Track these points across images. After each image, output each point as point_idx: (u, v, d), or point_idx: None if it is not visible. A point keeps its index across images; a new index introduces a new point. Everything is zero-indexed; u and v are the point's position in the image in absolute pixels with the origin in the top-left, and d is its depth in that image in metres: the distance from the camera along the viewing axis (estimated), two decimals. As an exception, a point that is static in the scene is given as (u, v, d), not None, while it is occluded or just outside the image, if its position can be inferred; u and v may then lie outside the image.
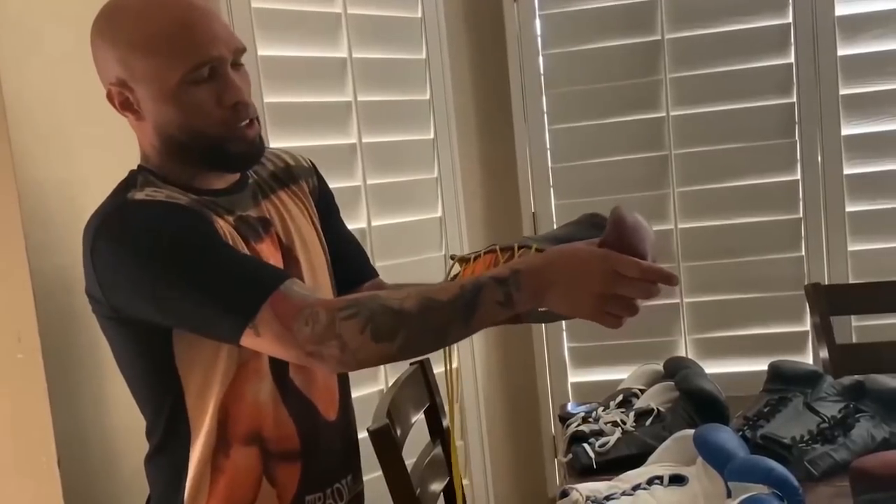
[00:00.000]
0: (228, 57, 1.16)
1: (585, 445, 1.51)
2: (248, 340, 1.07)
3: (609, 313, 1.07)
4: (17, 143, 1.38)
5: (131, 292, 1.11)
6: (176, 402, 1.18)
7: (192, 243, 1.10)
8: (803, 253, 2.31)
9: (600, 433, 1.54)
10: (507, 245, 1.22)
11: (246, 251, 1.17)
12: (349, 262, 1.40)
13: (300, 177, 1.35)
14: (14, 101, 1.36)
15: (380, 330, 1.04)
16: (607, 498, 1.29)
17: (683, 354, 2.34)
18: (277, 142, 1.90)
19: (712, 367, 1.92)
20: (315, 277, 1.28)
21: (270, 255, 1.21)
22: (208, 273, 1.08)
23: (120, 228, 1.11)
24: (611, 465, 1.44)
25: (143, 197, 1.13)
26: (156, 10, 1.14)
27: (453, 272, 1.25)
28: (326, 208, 1.38)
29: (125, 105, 1.17)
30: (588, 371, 2.45)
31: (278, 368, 1.20)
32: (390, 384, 1.68)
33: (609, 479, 1.36)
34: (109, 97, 1.17)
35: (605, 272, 1.05)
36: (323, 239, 1.34)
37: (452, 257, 1.29)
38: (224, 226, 1.16)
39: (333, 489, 1.28)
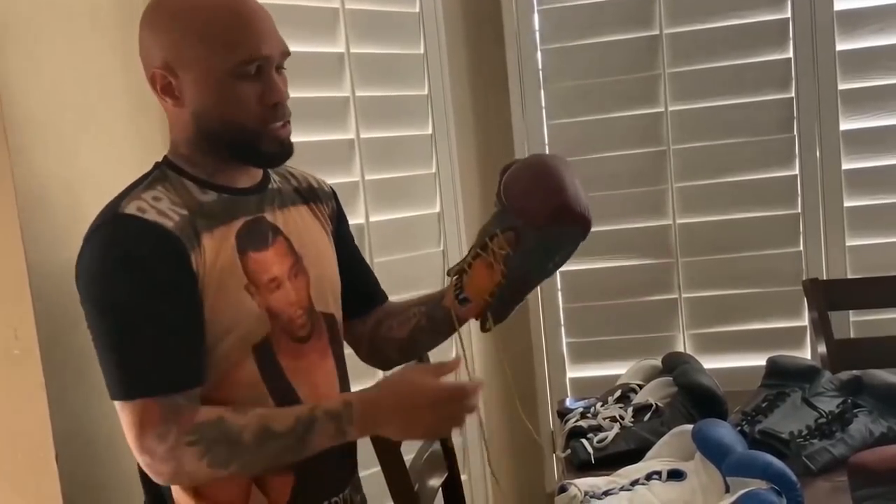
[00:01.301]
0: (276, 59, 1.19)
1: (584, 441, 1.51)
2: (120, 412, 1.12)
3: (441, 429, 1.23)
4: (15, 140, 1.37)
5: (82, 299, 1.15)
6: None
7: (135, 290, 1.11)
8: (801, 248, 2.31)
9: (599, 428, 1.54)
10: (482, 242, 1.26)
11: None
12: (362, 289, 1.42)
13: (322, 199, 1.37)
14: (13, 98, 1.36)
15: (216, 459, 1.09)
16: (605, 493, 1.29)
17: (682, 350, 2.34)
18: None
19: (710, 363, 1.91)
20: (323, 293, 1.29)
21: (275, 262, 1.22)
22: (128, 330, 1.11)
23: (101, 241, 1.14)
24: (609, 461, 1.44)
25: (133, 212, 1.13)
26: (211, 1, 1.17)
27: (454, 288, 1.29)
28: (342, 234, 1.40)
29: (166, 89, 1.18)
30: (586, 366, 2.46)
31: (273, 380, 1.20)
32: (388, 380, 1.68)
33: (607, 475, 1.36)
34: (152, 80, 1.19)
35: (430, 405, 1.13)
36: (336, 259, 1.35)
37: (449, 273, 1.31)
38: (209, 249, 1.15)
39: (331, 502, 1.27)
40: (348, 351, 1.38)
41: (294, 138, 1.90)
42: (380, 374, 2.02)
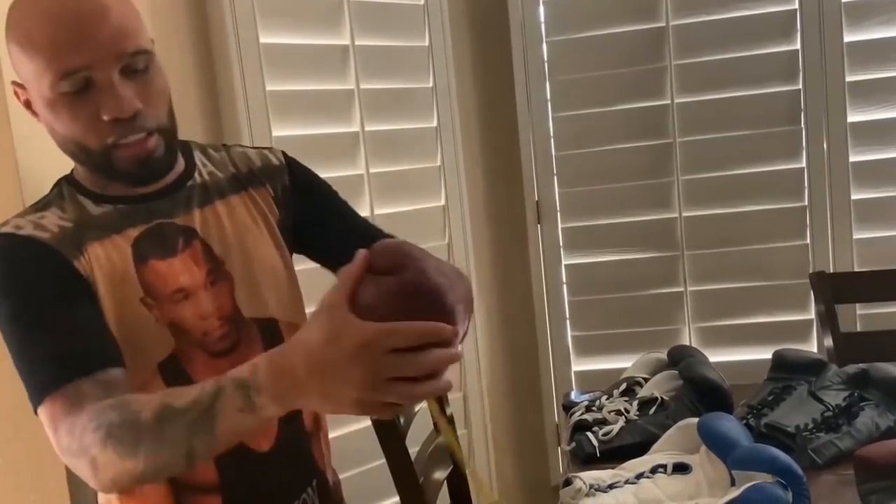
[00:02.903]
0: (112, 63, 1.01)
1: (589, 434, 1.51)
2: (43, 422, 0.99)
3: (386, 403, 0.83)
4: (20, 135, 1.37)
5: None
6: None
7: (21, 302, 1.02)
8: (808, 241, 2.30)
9: (604, 422, 1.54)
10: None
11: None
12: (332, 249, 1.23)
13: (265, 181, 1.22)
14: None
15: (120, 446, 0.90)
16: (611, 486, 1.29)
17: (687, 343, 2.34)
18: (279, 130, 1.89)
19: (716, 356, 1.91)
20: (255, 296, 1.16)
21: (185, 269, 1.11)
22: (25, 338, 1.00)
23: None
24: (614, 454, 1.44)
25: (9, 230, 1.05)
26: (43, 6, 1.01)
27: None
28: (303, 202, 1.24)
29: (27, 105, 1.08)
30: (591, 360, 2.46)
31: None
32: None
33: (612, 468, 1.36)
34: (15, 95, 1.09)
35: (370, 353, 0.79)
36: (284, 250, 1.21)
37: None
38: (98, 258, 1.06)
39: None
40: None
41: (298, 131, 1.92)
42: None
